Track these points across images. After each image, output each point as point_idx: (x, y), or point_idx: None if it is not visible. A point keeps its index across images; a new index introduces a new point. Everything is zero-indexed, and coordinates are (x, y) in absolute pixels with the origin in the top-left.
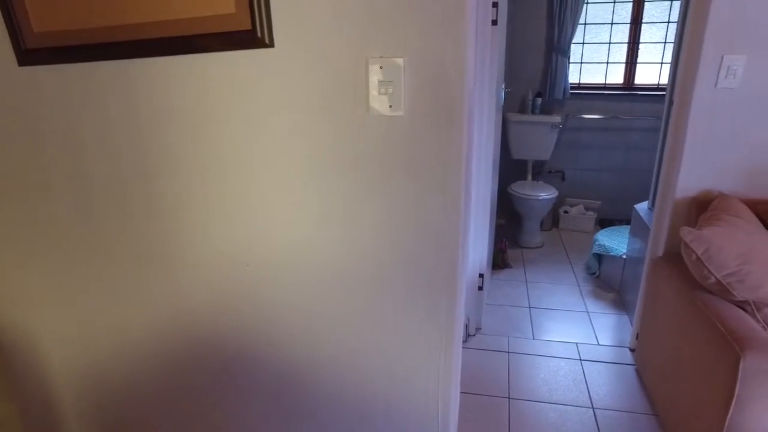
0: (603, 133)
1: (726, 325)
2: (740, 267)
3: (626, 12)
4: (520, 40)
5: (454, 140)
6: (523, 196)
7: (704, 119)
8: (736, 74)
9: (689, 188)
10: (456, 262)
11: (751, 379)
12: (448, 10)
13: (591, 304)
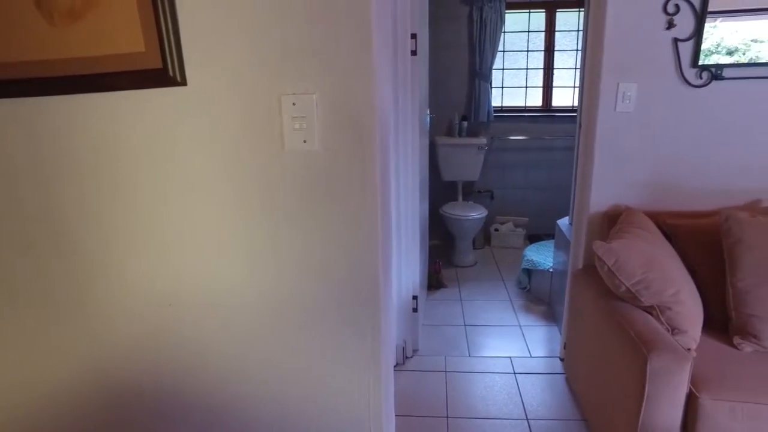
0: (527, 152)
1: (635, 329)
2: (645, 275)
3: (540, 40)
4: (445, 67)
5: (368, 171)
6: (454, 217)
7: (608, 140)
8: (630, 99)
9: (601, 204)
10: (378, 290)
11: (657, 379)
12: (356, 48)
13: (523, 317)
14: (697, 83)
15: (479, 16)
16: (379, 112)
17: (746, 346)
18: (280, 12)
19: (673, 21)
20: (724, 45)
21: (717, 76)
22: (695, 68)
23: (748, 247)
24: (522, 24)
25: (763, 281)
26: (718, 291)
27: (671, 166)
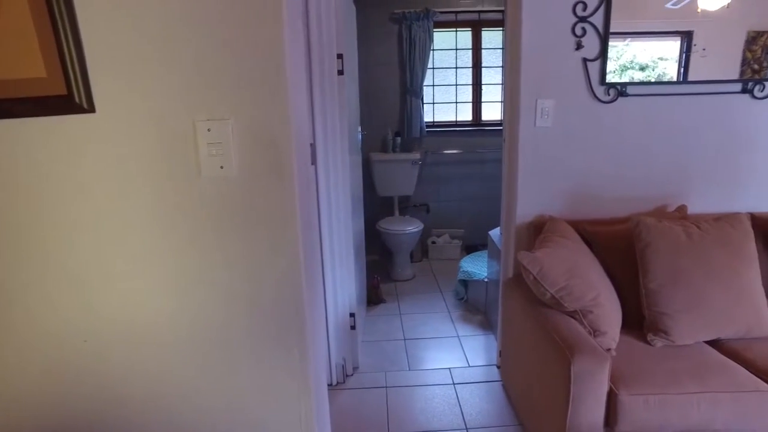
0: (460, 165)
1: (560, 334)
2: (567, 281)
3: (468, 57)
4: (377, 84)
5: (287, 194)
6: (390, 232)
7: (530, 153)
8: (548, 115)
9: (527, 214)
10: (303, 312)
11: (580, 380)
12: (270, 72)
13: (461, 328)
14: (606, 99)
15: (408, 34)
16: (297, 134)
17: (658, 341)
18: (192, 37)
19: (581, 42)
20: (636, 61)
21: (622, 92)
22: (603, 85)
23: (657, 250)
24: (450, 42)
25: (670, 281)
26: (634, 292)
27: (588, 176)
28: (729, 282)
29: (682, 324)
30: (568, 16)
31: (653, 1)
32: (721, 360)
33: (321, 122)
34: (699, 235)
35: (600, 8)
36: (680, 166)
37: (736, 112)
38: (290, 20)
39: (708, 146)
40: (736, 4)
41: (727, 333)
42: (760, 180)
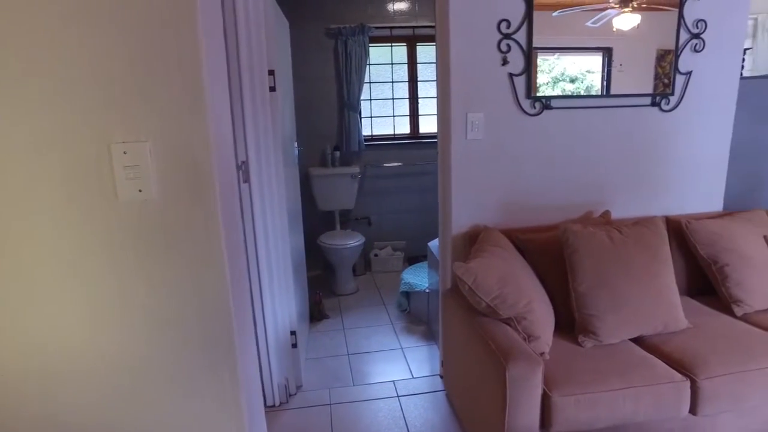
0: (399, 178)
1: (495, 341)
2: (501, 290)
3: (404, 72)
4: (314, 99)
5: (210, 216)
6: (331, 246)
7: (463, 165)
8: (479, 128)
9: (462, 225)
10: (231, 336)
11: (515, 385)
12: (187, 92)
13: (404, 339)
14: (532, 112)
15: (344, 49)
16: (220, 154)
17: (588, 342)
18: (103, 57)
19: (507, 58)
20: (567, 74)
21: (547, 106)
22: (529, 99)
23: (583, 255)
24: (386, 56)
25: (597, 284)
26: (565, 296)
27: (519, 186)
28: (648, 282)
29: (608, 324)
30: (493, 33)
31: (576, 20)
32: (643, 356)
33: (253, 139)
34: (620, 240)
35: (523, 26)
36: (603, 174)
37: (648, 123)
38: (209, 37)
39: (626, 155)
40: (645, 25)
41: (647, 330)
42: (672, 185)
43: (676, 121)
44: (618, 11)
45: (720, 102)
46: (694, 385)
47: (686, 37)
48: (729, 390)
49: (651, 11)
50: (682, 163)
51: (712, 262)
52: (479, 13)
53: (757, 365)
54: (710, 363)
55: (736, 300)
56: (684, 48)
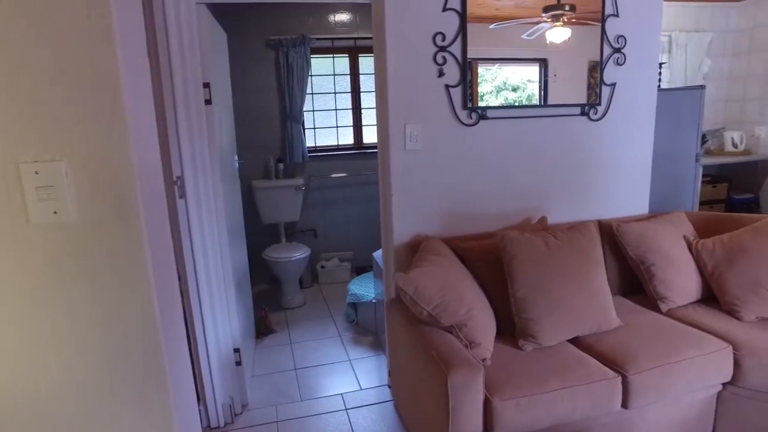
0: (345, 189)
1: (437, 350)
2: (442, 298)
3: (347, 83)
4: (256, 110)
5: (133, 238)
6: (276, 260)
7: (402, 176)
8: (417, 139)
9: (404, 235)
10: (160, 360)
11: (457, 392)
12: (106, 111)
13: (352, 351)
14: (469, 122)
15: (286, 60)
16: (144, 172)
17: (528, 346)
18: (11, 73)
19: (443, 70)
20: (509, 83)
21: (483, 116)
22: (466, 110)
23: (521, 261)
24: (328, 68)
25: (534, 289)
26: (505, 302)
27: (459, 195)
28: (582, 285)
29: (546, 327)
30: (429, 46)
31: (512, 32)
32: (579, 356)
33: (189, 154)
34: (556, 244)
35: (457, 39)
36: (539, 181)
37: (579, 132)
38: (130, 52)
39: (560, 163)
40: (577, 39)
41: (583, 330)
42: (603, 191)
43: (603, 129)
44: (550, 25)
45: (641, 112)
46: (625, 381)
47: (609, 51)
48: (656, 382)
49: (580, 25)
50: (611, 169)
51: (640, 262)
52: (414, 27)
53: (679, 357)
54: (639, 358)
55: (662, 297)
56: (608, 61)
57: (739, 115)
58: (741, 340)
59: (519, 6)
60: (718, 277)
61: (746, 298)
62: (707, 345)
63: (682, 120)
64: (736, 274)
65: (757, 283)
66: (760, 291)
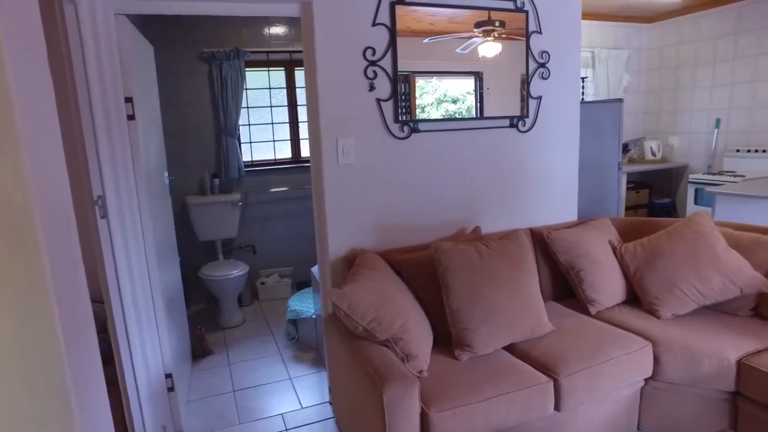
0: (283, 203)
1: (372, 364)
2: (377, 312)
3: (283, 96)
4: (189, 125)
5: (34, 270)
6: (213, 278)
7: (336, 190)
8: (350, 152)
9: (339, 249)
10: (68, 398)
11: (393, 406)
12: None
13: (293, 369)
14: (401, 136)
15: (220, 74)
16: (46, 195)
17: (464, 355)
18: None
19: (374, 84)
20: (449, 95)
21: (415, 129)
22: (398, 123)
23: (454, 272)
24: (264, 81)
25: (469, 299)
26: (441, 313)
27: (394, 208)
28: (515, 292)
29: (481, 336)
30: (359, 60)
31: (447, 46)
32: (513, 362)
33: (110, 172)
34: (488, 254)
35: (388, 53)
36: (472, 192)
37: (509, 143)
38: (24, 66)
39: (492, 174)
40: (505, 53)
41: (517, 337)
42: (533, 199)
43: (532, 140)
44: (482, 40)
45: (566, 123)
46: (557, 384)
47: (534, 65)
48: (585, 383)
49: (510, 41)
50: (541, 178)
51: (569, 268)
52: (345, 41)
53: (605, 357)
54: (569, 361)
55: (591, 300)
56: (534, 75)
57: (656, 125)
58: (659, 337)
59: (453, 21)
60: (640, 279)
61: (663, 297)
62: (630, 344)
63: (604, 131)
64: (654, 274)
65: (672, 282)
66: (674, 290)
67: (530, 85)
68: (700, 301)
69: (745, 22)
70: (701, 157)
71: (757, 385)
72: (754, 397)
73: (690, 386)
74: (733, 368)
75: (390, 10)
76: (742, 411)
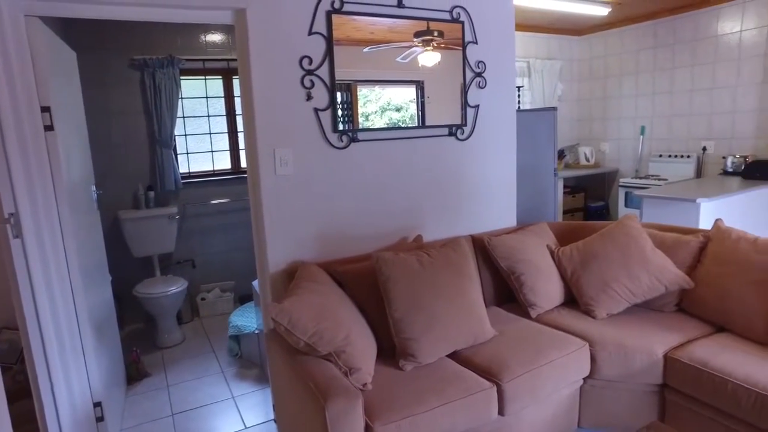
0: (224, 215)
1: (314, 380)
2: (318, 326)
3: (221, 105)
4: (120, 135)
5: None
6: (149, 296)
7: (274, 201)
8: (288, 163)
9: (279, 262)
10: None
11: (336, 422)
12: None
13: (236, 387)
14: (340, 146)
15: (152, 82)
16: None
17: (408, 365)
18: None
19: (311, 94)
20: (393, 103)
21: (354, 139)
22: (336, 133)
23: (396, 281)
24: (200, 90)
25: (411, 308)
26: (384, 323)
27: (334, 219)
28: (457, 300)
29: (424, 345)
30: (296, 69)
31: (388, 56)
32: (457, 370)
33: (25, 188)
34: (429, 262)
35: (324, 63)
36: (413, 200)
37: (448, 151)
38: None
39: (433, 182)
40: (445, 63)
41: (461, 344)
42: (474, 206)
43: (470, 148)
44: (422, 49)
45: (503, 131)
46: (500, 389)
47: (471, 75)
48: (527, 387)
49: (449, 50)
50: (480, 185)
51: (510, 273)
52: (281, 50)
53: (546, 359)
54: (511, 366)
55: (531, 304)
56: (471, 84)
57: (589, 132)
58: (595, 337)
59: (393, 30)
60: (576, 281)
61: (598, 297)
62: (568, 345)
63: (540, 138)
64: (589, 276)
65: (605, 283)
66: (608, 290)
67: (467, 95)
68: (631, 299)
69: (660, 37)
70: (630, 162)
71: (681, 376)
72: (679, 388)
73: (624, 382)
74: (661, 362)
75: (326, 19)
76: (669, 402)
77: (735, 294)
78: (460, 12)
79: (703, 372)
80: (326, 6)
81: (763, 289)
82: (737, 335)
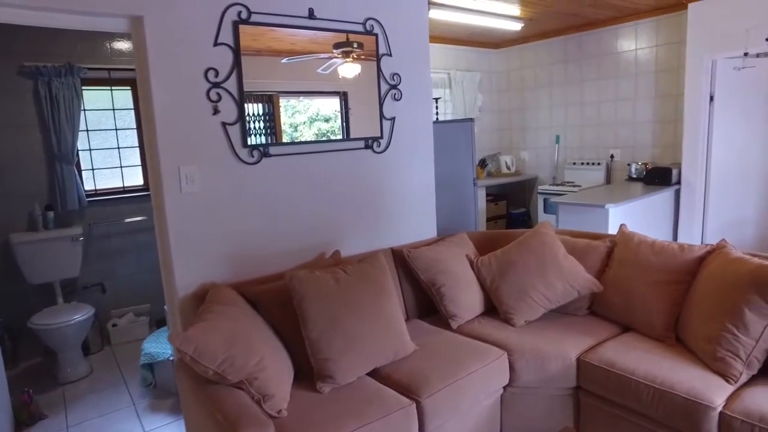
0: (136, 234)
1: (222, 411)
2: (227, 353)
3: (131, 118)
4: (11, 151)
5: None
6: (46, 327)
7: (180, 221)
8: (195, 181)
9: (188, 285)
10: None
11: None
12: None
13: (149, 420)
14: (251, 161)
15: (48, 92)
16: None
17: (326, 387)
18: None
19: (218, 107)
20: (321, 114)
21: (266, 153)
22: (246, 148)
23: (311, 300)
24: (106, 101)
25: (328, 328)
26: (301, 344)
27: (247, 237)
28: (375, 316)
29: (343, 365)
30: (201, 82)
31: (308, 67)
32: (376, 389)
33: None
34: (346, 279)
35: (232, 75)
36: (329, 215)
37: (365, 164)
38: None
39: (350, 196)
40: (365, 74)
41: (381, 361)
42: (393, 219)
43: (387, 161)
44: (342, 61)
45: (421, 142)
46: (419, 406)
47: (386, 87)
48: (448, 401)
49: (369, 62)
50: (399, 198)
51: (431, 284)
52: (184, 61)
53: (466, 371)
54: (431, 381)
55: (452, 315)
56: (386, 97)
57: (509, 141)
58: (513, 345)
59: (314, 41)
60: (496, 290)
61: (517, 305)
62: (488, 356)
63: (459, 149)
64: (508, 284)
65: (523, 291)
66: (525, 298)
67: (383, 107)
68: (547, 305)
69: (570, 52)
70: (547, 169)
71: (592, 378)
72: (591, 389)
73: (542, 387)
74: (574, 365)
75: (233, 29)
76: (583, 403)
77: (637, 295)
78: (373, 24)
79: (610, 372)
80: (233, 16)
81: (660, 289)
82: (641, 334)
